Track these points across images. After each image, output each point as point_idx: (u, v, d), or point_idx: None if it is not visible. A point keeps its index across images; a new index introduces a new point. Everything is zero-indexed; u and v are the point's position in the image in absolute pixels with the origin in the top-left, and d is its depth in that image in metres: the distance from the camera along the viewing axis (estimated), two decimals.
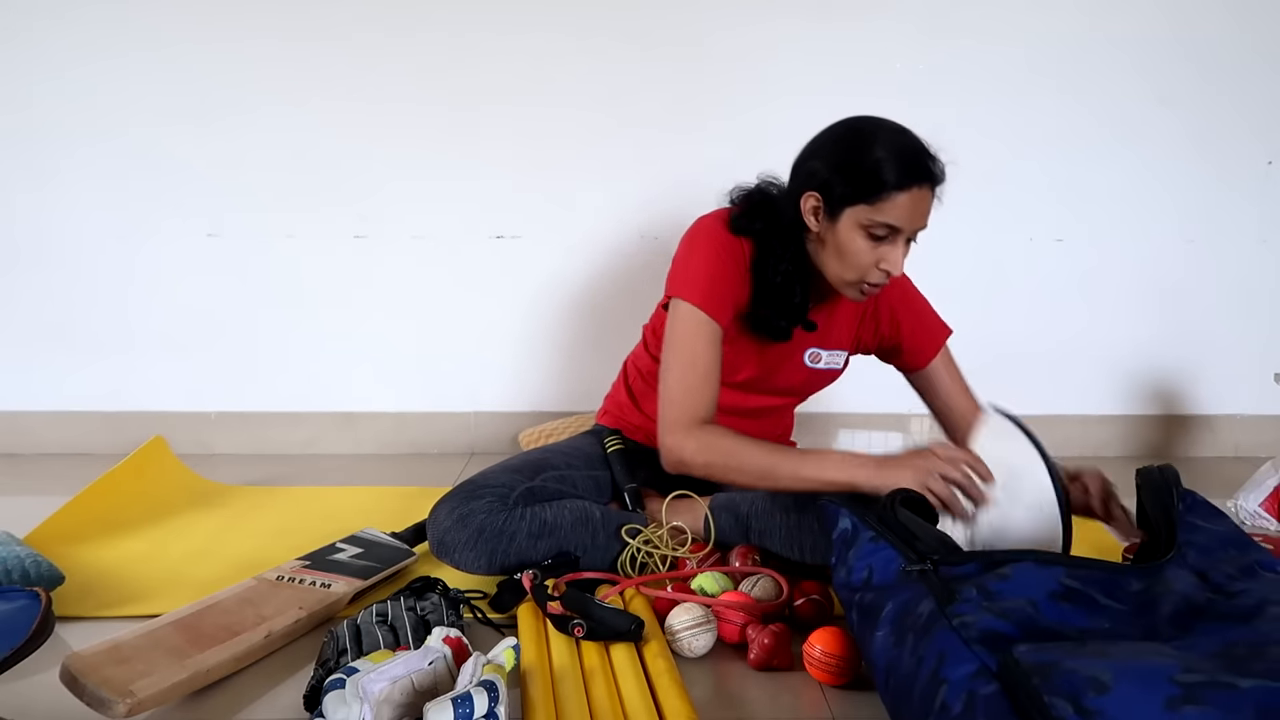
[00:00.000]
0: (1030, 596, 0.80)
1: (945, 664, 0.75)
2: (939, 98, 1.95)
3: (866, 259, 1.20)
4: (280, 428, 2.06)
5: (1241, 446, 2.12)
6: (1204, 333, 2.09)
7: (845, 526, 1.00)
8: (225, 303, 2.02)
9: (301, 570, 1.25)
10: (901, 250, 1.20)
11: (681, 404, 1.24)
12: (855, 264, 1.21)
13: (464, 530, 1.23)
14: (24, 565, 1.20)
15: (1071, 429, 2.11)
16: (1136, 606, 0.82)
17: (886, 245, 1.19)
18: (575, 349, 2.03)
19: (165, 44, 1.90)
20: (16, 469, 1.95)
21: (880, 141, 1.16)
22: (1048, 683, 0.67)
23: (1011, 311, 2.07)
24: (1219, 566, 0.87)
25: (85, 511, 1.51)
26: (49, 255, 1.98)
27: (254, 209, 1.98)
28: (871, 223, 1.17)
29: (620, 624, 1.06)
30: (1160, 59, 1.97)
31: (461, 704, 0.79)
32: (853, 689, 1.01)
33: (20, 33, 1.89)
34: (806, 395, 1.49)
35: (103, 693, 0.89)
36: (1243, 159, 2.02)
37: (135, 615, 1.17)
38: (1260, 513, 1.56)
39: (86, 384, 2.04)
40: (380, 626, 1.04)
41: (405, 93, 1.93)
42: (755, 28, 1.91)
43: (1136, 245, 2.05)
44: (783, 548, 1.28)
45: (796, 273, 1.27)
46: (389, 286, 2.02)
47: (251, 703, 0.99)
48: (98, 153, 1.94)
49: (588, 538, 1.26)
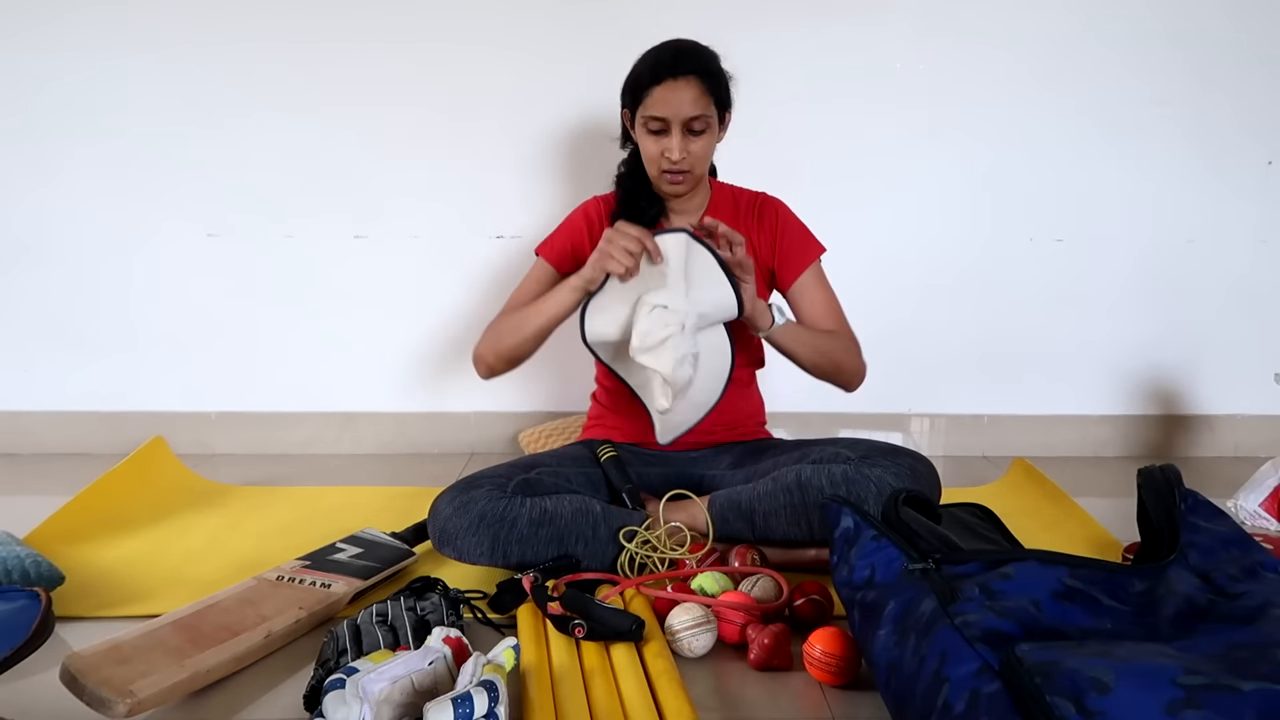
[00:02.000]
0: (1032, 596, 0.80)
1: (947, 663, 0.75)
2: (939, 98, 1.96)
3: (653, 150, 1.39)
4: (280, 428, 2.06)
5: (1241, 446, 2.12)
6: (1204, 333, 2.09)
7: (847, 525, 1.00)
8: (225, 303, 2.02)
9: (301, 570, 1.25)
10: (678, 140, 1.36)
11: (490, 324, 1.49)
12: (650, 158, 1.41)
13: (464, 517, 1.24)
14: (24, 565, 1.20)
15: (1071, 429, 2.11)
16: (1138, 607, 0.82)
17: (665, 137, 1.37)
18: (575, 349, 2.02)
19: (165, 45, 1.90)
20: (16, 469, 1.95)
21: (645, 54, 1.39)
22: (1050, 682, 0.67)
23: (1012, 311, 2.07)
24: (1221, 568, 0.86)
25: (85, 511, 1.52)
26: (50, 255, 1.98)
27: (254, 209, 1.98)
28: (645, 119, 1.37)
29: (620, 624, 1.06)
30: (1160, 59, 1.97)
31: (461, 704, 0.79)
32: (853, 689, 1.01)
33: (21, 33, 1.89)
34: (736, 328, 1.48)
35: (103, 693, 0.89)
36: (1242, 159, 2.02)
37: (135, 615, 1.17)
38: (1260, 513, 1.56)
39: (87, 384, 2.04)
40: (380, 626, 1.04)
41: (405, 93, 1.93)
42: (755, 31, 1.91)
43: (1136, 245, 2.05)
44: (790, 529, 1.29)
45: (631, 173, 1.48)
46: (389, 286, 2.02)
47: (251, 703, 0.99)
48: (98, 153, 1.94)
49: (588, 530, 1.26)
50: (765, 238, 1.51)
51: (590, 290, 1.35)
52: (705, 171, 1.46)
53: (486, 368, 1.49)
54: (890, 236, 2.02)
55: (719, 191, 1.53)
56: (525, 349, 1.45)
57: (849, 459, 1.32)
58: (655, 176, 1.43)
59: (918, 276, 2.04)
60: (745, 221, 1.51)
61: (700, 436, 1.53)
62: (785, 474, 1.32)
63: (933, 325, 2.06)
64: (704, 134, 1.38)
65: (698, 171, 1.41)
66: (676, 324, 1.27)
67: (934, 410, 2.11)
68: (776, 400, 1.67)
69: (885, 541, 0.94)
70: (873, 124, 1.97)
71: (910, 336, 2.06)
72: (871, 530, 0.96)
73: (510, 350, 1.45)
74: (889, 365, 2.08)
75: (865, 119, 1.97)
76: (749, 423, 1.58)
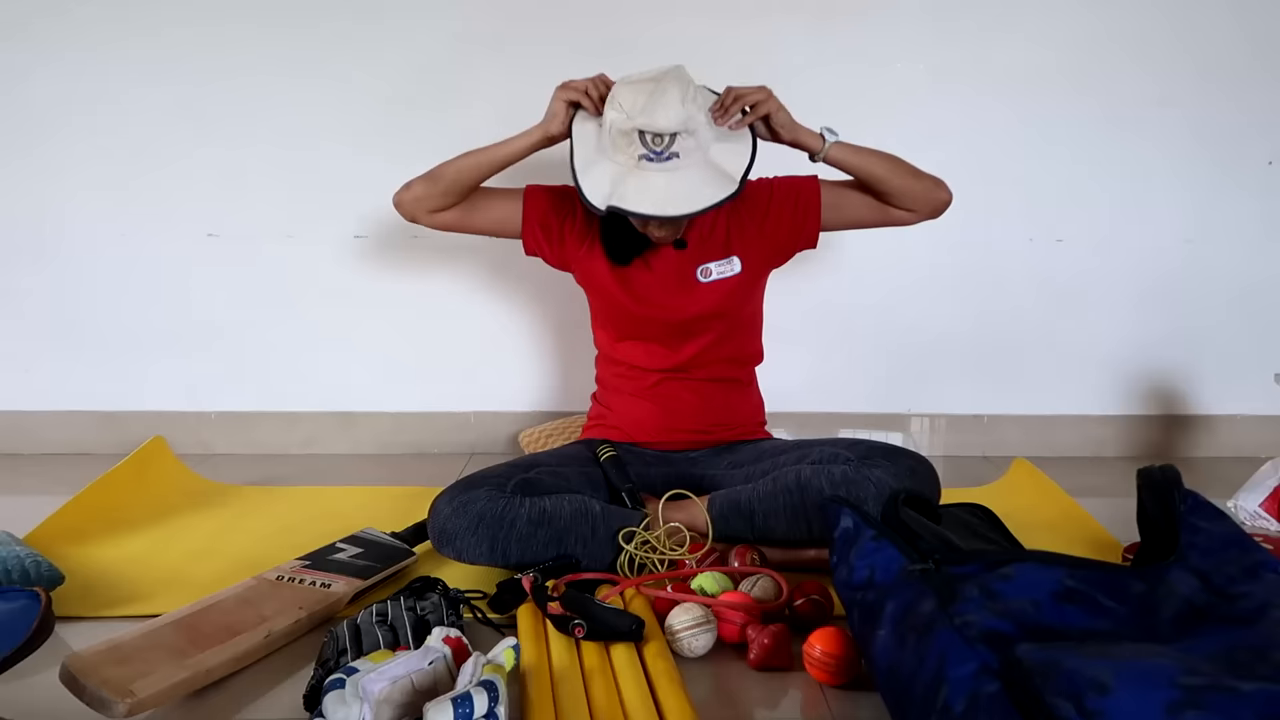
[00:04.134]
0: (1032, 597, 0.80)
1: (947, 663, 0.75)
2: (939, 98, 1.95)
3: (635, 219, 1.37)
4: (280, 428, 2.06)
5: (1241, 446, 2.11)
6: (1204, 333, 2.09)
7: (847, 525, 1.00)
8: (225, 303, 2.01)
9: (301, 570, 1.25)
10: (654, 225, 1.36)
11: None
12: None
13: (464, 517, 1.24)
14: (24, 565, 1.20)
15: (1071, 429, 2.11)
16: (1138, 609, 0.82)
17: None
18: (575, 349, 2.03)
19: (166, 45, 1.90)
20: (16, 469, 1.95)
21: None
22: (1050, 683, 0.67)
23: (1012, 311, 2.07)
24: (1221, 569, 0.86)
25: (85, 511, 1.52)
26: (50, 255, 1.98)
27: (254, 209, 1.98)
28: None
29: (620, 624, 1.06)
30: (1160, 59, 1.97)
31: (461, 704, 0.79)
32: (853, 689, 1.01)
33: (21, 32, 1.89)
34: (731, 320, 1.50)
35: (103, 693, 0.89)
36: (1243, 159, 2.02)
37: (135, 615, 1.17)
38: (1260, 513, 1.56)
39: (87, 384, 2.04)
40: (380, 626, 1.04)
41: (405, 92, 1.93)
42: (753, 30, 1.91)
43: (1136, 245, 2.05)
44: (789, 529, 1.29)
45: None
46: (389, 286, 2.02)
47: (251, 703, 0.99)
48: (98, 153, 1.94)
49: (587, 530, 1.26)
50: (756, 217, 1.48)
51: (550, 135, 1.36)
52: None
53: (409, 194, 1.44)
54: (890, 236, 2.01)
55: None
56: (465, 177, 1.42)
57: (849, 459, 1.33)
58: (640, 228, 1.41)
59: (918, 276, 2.04)
60: (731, 212, 1.47)
61: (700, 435, 1.53)
62: (785, 474, 1.32)
63: (933, 325, 2.06)
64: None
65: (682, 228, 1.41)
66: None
67: (934, 410, 2.11)
68: (776, 400, 1.67)
69: (885, 542, 0.94)
70: (872, 124, 1.96)
71: (910, 336, 2.06)
72: (871, 531, 0.96)
73: (450, 173, 1.42)
74: (889, 365, 2.09)
75: (865, 119, 1.96)
76: (749, 423, 1.58)
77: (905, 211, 1.44)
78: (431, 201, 1.44)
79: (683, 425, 1.52)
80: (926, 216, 1.46)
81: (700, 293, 1.47)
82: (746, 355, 1.57)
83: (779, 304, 1.64)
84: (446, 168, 1.43)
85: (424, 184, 1.44)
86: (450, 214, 1.46)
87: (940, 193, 1.44)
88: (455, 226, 1.49)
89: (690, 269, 1.47)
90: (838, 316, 2.05)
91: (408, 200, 1.45)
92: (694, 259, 1.47)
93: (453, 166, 1.42)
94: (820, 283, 2.00)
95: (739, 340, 1.54)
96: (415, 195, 1.44)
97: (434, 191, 1.43)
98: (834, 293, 2.02)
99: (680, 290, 1.47)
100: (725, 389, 1.54)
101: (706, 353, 1.50)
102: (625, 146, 1.29)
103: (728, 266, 1.47)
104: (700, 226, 1.47)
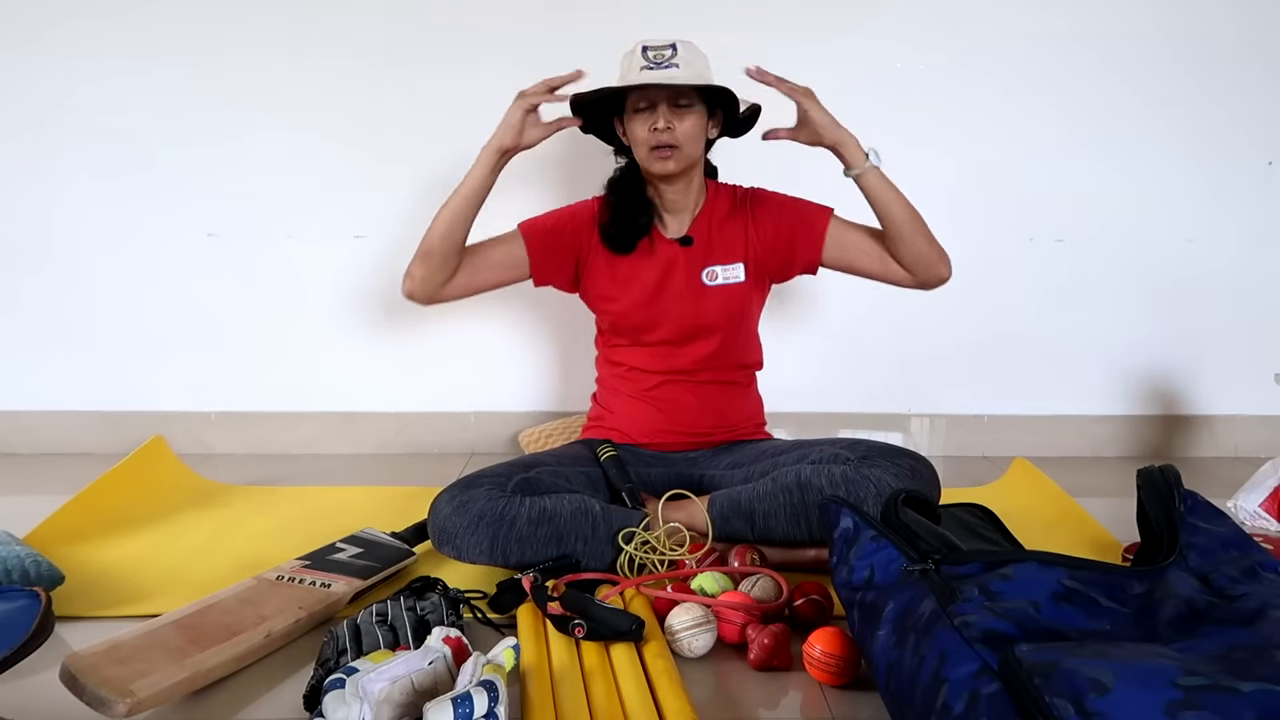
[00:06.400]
0: (1032, 597, 0.80)
1: (947, 663, 0.75)
2: (939, 98, 1.95)
3: (642, 132, 1.38)
4: (280, 428, 2.06)
5: (1241, 446, 2.12)
6: (1204, 333, 2.09)
7: (847, 526, 1.00)
8: (225, 303, 2.01)
9: (301, 570, 1.25)
10: (665, 111, 1.36)
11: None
12: (638, 141, 1.40)
13: (464, 516, 1.24)
14: (24, 565, 1.20)
15: (1071, 429, 2.11)
16: (1138, 609, 0.82)
17: (652, 113, 1.37)
18: (575, 349, 2.03)
19: (165, 45, 1.90)
20: (16, 469, 1.95)
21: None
22: (1049, 683, 0.67)
23: (1012, 311, 2.07)
24: (1220, 569, 0.87)
25: (85, 511, 1.52)
26: (50, 255, 1.98)
27: (254, 209, 1.98)
28: (633, 103, 1.39)
29: (620, 624, 1.06)
30: (1160, 59, 1.97)
31: (461, 704, 0.79)
32: (853, 689, 1.01)
33: (21, 33, 1.89)
34: (731, 324, 1.50)
35: (103, 693, 0.89)
36: (1242, 159, 2.02)
37: (135, 615, 1.17)
38: (1260, 513, 1.56)
39: (86, 384, 2.04)
40: (380, 626, 1.04)
41: (404, 92, 1.93)
42: (753, 33, 1.91)
43: (1136, 245, 2.05)
44: (790, 529, 1.29)
45: (624, 180, 1.49)
46: (388, 286, 2.01)
47: (251, 703, 0.99)
48: (98, 153, 1.94)
49: (588, 529, 1.26)
50: (765, 227, 1.49)
51: (504, 147, 1.38)
52: (696, 155, 1.42)
53: (414, 281, 1.41)
54: None
55: (715, 191, 1.52)
56: (451, 231, 1.39)
57: (848, 459, 1.33)
58: (645, 158, 1.40)
59: None
60: (741, 217, 1.50)
61: (700, 437, 1.53)
62: (785, 474, 1.32)
63: (933, 325, 2.06)
64: (691, 112, 1.37)
65: (687, 150, 1.38)
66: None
67: (934, 410, 2.11)
68: (776, 400, 1.67)
69: (885, 542, 0.94)
70: (872, 124, 1.96)
71: (910, 336, 2.06)
72: (871, 531, 0.96)
73: (435, 239, 1.39)
74: (889, 365, 2.09)
75: (865, 120, 1.96)
76: (748, 423, 1.58)
77: (904, 271, 1.45)
78: (436, 275, 1.41)
79: (682, 427, 1.52)
80: (920, 285, 1.46)
81: (705, 296, 1.47)
82: (748, 362, 1.57)
83: (779, 303, 1.64)
84: (430, 237, 1.40)
85: (420, 263, 1.41)
86: (458, 279, 1.44)
87: (942, 267, 1.44)
88: (468, 288, 1.46)
89: (696, 269, 1.47)
90: (838, 316, 2.05)
91: (416, 286, 1.42)
92: (700, 259, 1.47)
93: (434, 232, 1.40)
94: (820, 282, 2.00)
95: (740, 348, 1.54)
96: (420, 277, 1.41)
97: (432, 264, 1.40)
98: (834, 293, 2.02)
99: (686, 291, 1.47)
100: (725, 391, 1.54)
101: (709, 358, 1.50)
102: (631, 68, 1.36)
103: (732, 272, 1.48)
104: (707, 223, 1.47)
